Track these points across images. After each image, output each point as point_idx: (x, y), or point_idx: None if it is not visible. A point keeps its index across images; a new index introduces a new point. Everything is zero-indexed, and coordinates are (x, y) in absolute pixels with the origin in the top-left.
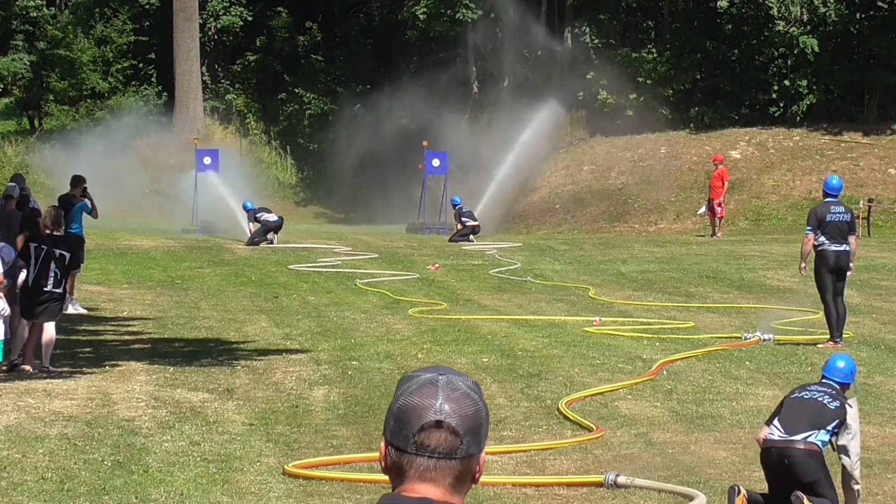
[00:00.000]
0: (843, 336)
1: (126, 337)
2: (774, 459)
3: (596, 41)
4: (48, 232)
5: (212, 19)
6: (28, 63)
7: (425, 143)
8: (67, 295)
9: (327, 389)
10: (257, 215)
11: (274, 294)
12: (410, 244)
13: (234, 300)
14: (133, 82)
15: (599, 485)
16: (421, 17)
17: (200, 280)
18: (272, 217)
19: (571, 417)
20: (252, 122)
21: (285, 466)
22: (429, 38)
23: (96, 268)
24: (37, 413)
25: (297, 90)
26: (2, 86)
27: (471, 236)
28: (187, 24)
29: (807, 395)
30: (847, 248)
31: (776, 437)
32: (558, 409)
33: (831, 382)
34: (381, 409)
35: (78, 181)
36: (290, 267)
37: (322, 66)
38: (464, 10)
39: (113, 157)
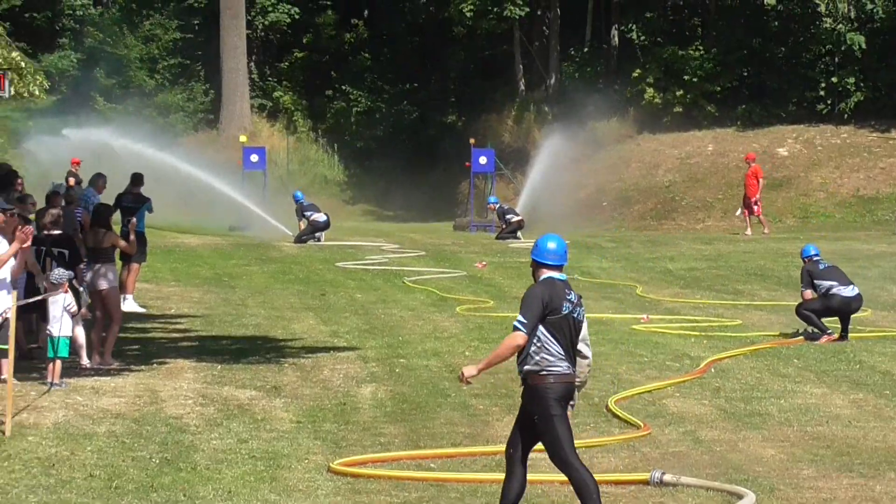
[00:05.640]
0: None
1: (174, 334)
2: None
3: (643, 38)
4: (45, 233)
5: (259, 16)
6: (75, 60)
7: (472, 140)
8: (127, 295)
9: (375, 387)
10: (305, 213)
11: (321, 291)
12: (457, 242)
13: (282, 298)
14: (180, 80)
15: (646, 483)
16: (467, 14)
17: (247, 277)
18: (321, 217)
19: (620, 415)
20: (299, 120)
21: (330, 464)
22: (475, 34)
23: (144, 265)
24: (85, 410)
25: (343, 87)
26: (50, 83)
27: (518, 233)
28: (234, 22)
29: (577, 314)
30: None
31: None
32: (606, 407)
33: (566, 278)
34: (428, 406)
35: (140, 179)
36: (338, 264)
37: (368, 63)
38: (511, 7)
39: (160, 154)
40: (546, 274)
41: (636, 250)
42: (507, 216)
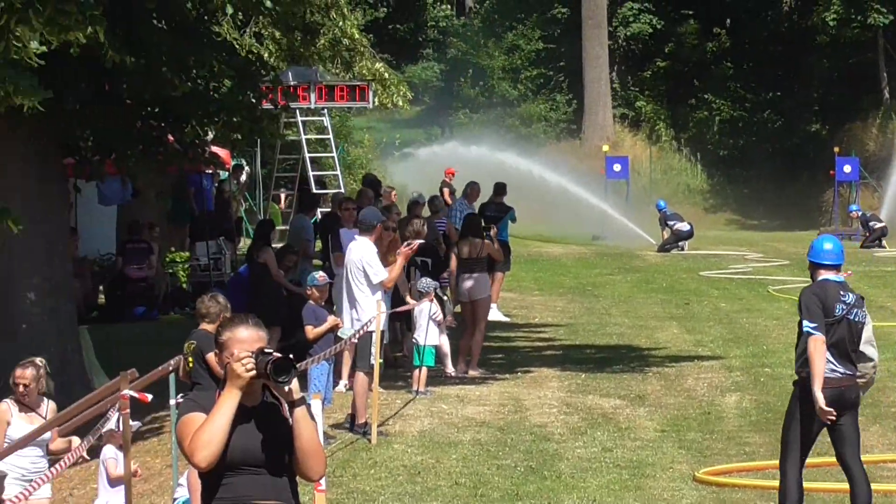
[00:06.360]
0: None
1: (537, 343)
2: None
3: None
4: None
5: (621, 27)
6: (438, 71)
7: (837, 149)
8: (491, 304)
9: (739, 396)
10: (668, 222)
11: (685, 301)
12: None
13: (645, 307)
14: (543, 90)
15: None
16: (831, 22)
17: (611, 286)
18: (684, 226)
19: None
20: (661, 129)
21: (695, 473)
22: (839, 43)
23: (508, 274)
24: (450, 419)
25: (706, 96)
26: (413, 94)
27: (883, 241)
28: (596, 32)
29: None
30: None
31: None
32: None
33: (843, 280)
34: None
35: (503, 188)
36: (701, 273)
37: (731, 72)
38: (875, 15)
39: (524, 163)
40: (822, 276)
41: None
42: (871, 223)
